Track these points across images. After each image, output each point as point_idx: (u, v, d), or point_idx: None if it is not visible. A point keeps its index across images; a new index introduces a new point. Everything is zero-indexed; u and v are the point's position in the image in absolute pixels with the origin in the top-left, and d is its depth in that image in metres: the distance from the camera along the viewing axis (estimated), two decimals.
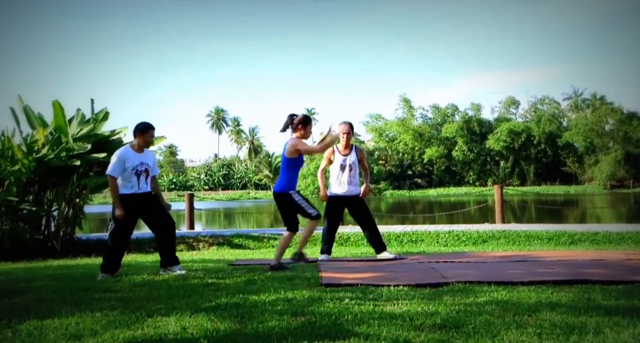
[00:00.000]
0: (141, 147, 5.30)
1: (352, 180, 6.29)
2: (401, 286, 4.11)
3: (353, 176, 6.30)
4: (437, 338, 2.63)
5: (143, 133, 5.27)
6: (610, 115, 55.60)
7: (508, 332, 2.66)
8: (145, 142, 5.30)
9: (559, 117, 61.64)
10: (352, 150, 6.32)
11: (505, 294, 3.69)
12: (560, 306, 3.22)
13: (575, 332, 2.61)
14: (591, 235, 8.46)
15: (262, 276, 4.80)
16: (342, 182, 6.25)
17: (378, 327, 2.85)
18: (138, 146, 5.28)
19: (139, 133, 5.27)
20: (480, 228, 9.60)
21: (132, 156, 5.21)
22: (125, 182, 5.17)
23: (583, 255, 6.10)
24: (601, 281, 4.06)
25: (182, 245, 9.22)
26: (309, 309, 3.29)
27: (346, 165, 6.25)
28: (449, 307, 3.31)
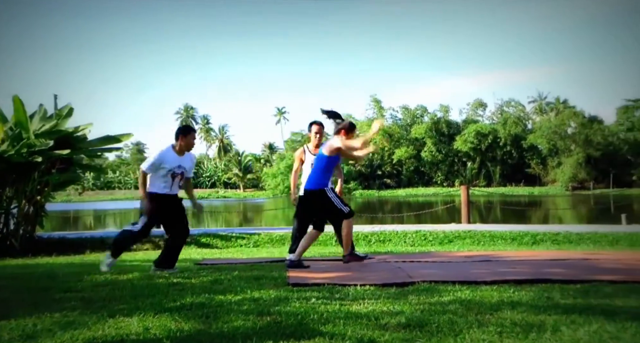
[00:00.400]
0: (182, 150, 5.29)
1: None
2: (368, 286, 4.13)
3: None
4: (401, 337, 2.65)
5: (185, 135, 5.27)
6: (572, 118, 57.20)
7: (470, 331, 2.71)
8: (187, 144, 5.29)
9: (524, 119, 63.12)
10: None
11: (469, 293, 3.75)
12: (521, 305, 3.29)
13: (534, 330, 2.67)
14: (552, 235, 8.68)
15: (229, 276, 4.76)
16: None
17: (343, 326, 2.87)
18: (179, 148, 5.27)
19: (181, 135, 5.26)
20: (447, 229, 9.75)
21: (172, 158, 5.20)
22: (159, 181, 5.17)
23: (544, 255, 6.26)
24: (560, 280, 4.17)
25: (148, 244, 9.08)
26: (275, 309, 3.29)
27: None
28: (414, 306, 3.35)
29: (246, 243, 9.15)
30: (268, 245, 8.99)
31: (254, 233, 9.51)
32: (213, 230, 10.97)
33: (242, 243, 9.17)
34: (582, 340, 2.50)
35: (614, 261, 5.57)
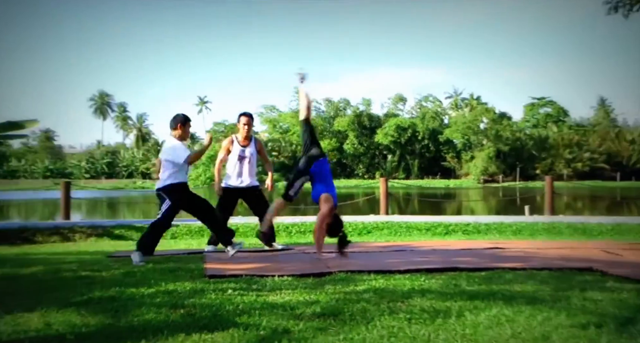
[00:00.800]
0: (182, 139, 5.31)
1: (251, 171, 6.24)
2: (285, 276, 4.16)
3: (251, 168, 6.24)
4: (315, 326, 2.69)
5: (184, 124, 5.27)
6: (484, 114, 60.39)
7: (381, 318, 2.80)
8: (186, 133, 5.32)
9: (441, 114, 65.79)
10: (251, 142, 6.27)
11: (383, 282, 3.87)
12: (431, 292, 3.44)
13: (441, 316, 2.81)
14: (463, 226, 9.12)
15: (142, 268, 4.61)
16: (240, 174, 6.15)
17: (259, 317, 2.87)
18: (180, 138, 5.27)
19: (181, 124, 5.25)
20: (366, 220, 9.97)
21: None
22: (182, 171, 5.24)
23: (455, 245, 6.58)
24: (467, 268, 4.40)
25: (56, 236, 8.58)
26: (189, 301, 3.23)
27: (245, 157, 6.17)
28: (329, 295, 3.41)
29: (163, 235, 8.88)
30: (186, 237, 8.78)
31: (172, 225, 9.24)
32: (128, 221, 10.56)
33: None
34: (482, 324, 2.65)
35: (516, 250, 5.95)
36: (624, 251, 5.70)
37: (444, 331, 2.56)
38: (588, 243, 6.91)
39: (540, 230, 8.74)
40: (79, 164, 77.20)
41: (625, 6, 7.06)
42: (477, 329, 2.57)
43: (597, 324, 2.58)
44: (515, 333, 2.49)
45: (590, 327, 2.54)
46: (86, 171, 76.07)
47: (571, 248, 6.10)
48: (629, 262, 4.96)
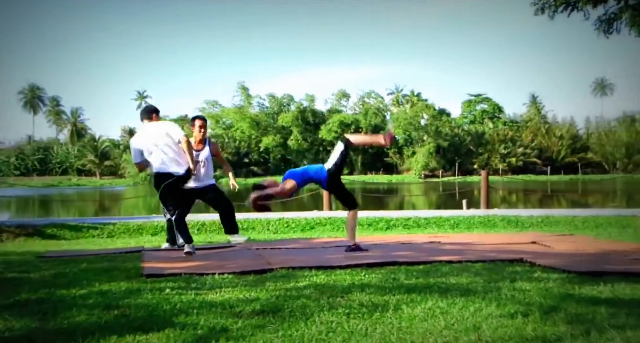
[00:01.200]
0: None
1: (208, 173, 6.17)
2: (226, 274, 4.11)
3: (208, 170, 6.16)
4: (254, 323, 2.68)
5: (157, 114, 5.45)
6: (425, 110, 61.96)
7: (321, 314, 2.81)
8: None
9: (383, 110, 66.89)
10: (205, 145, 6.18)
11: (324, 278, 3.90)
12: (370, 287, 3.49)
13: (379, 310, 2.86)
14: (404, 220, 9.33)
15: (75, 268, 4.44)
16: (198, 177, 6.01)
17: (196, 316, 2.82)
18: None
19: (156, 115, 5.43)
20: (309, 216, 10.02)
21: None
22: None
23: (395, 239, 6.72)
24: (406, 262, 4.50)
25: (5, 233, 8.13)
26: (124, 302, 3.13)
27: (200, 161, 6.05)
28: (270, 292, 3.40)
29: (99, 233, 8.58)
30: (124, 236, 8.52)
31: (108, 223, 8.94)
32: (61, 219, 10.14)
33: (94, 233, 8.58)
34: (418, 316, 2.72)
35: (453, 243, 6.15)
36: (552, 242, 6.00)
37: (381, 325, 2.60)
38: (520, 235, 7.24)
39: (476, 224, 9.07)
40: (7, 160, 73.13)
41: (551, 7, 7.39)
42: (413, 322, 2.63)
43: (524, 313, 2.70)
44: (449, 324, 2.57)
45: (517, 316, 2.66)
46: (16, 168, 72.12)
47: (504, 240, 6.36)
48: (556, 252, 5.22)
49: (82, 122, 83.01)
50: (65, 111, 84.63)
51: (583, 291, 3.27)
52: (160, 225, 8.93)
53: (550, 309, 2.78)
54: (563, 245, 5.78)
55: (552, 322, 2.55)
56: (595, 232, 7.96)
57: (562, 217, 9.28)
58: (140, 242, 7.38)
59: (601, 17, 7.60)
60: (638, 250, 5.39)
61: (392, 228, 9.05)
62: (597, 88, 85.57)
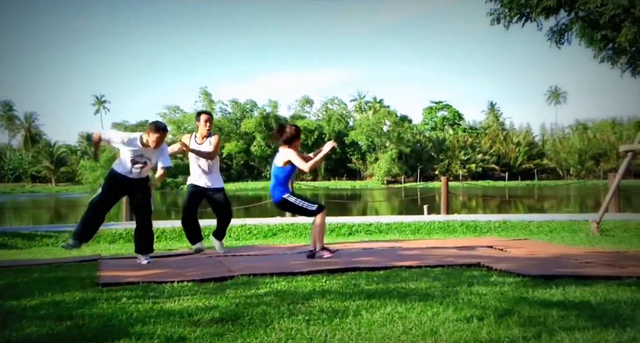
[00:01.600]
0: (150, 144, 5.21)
1: (212, 168, 6.07)
2: (185, 282, 4.05)
3: (212, 165, 6.06)
4: (212, 332, 2.64)
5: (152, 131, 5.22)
6: (387, 117, 62.74)
7: (281, 321, 2.80)
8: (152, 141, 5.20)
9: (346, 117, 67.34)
10: (209, 138, 6.12)
11: (285, 284, 3.88)
12: (331, 293, 3.50)
13: (339, 316, 2.87)
14: (366, 226, 9.39)
15: (26, 278, 4.28)
16: (203, 172, 5.98)
17: (153, 325, 2.77)
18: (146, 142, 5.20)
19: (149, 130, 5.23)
20: (271, 222, 9.98)
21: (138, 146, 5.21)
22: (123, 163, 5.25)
23: (357, 245, 6.76)
24: (367, 268, 4.54)
25: None
26: (78, 312, 3.04)
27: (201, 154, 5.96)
28: (230, 300, 3.36)
29: (54, 242, 8.31)
30: None
31: (63, 231, 8.67)
32: (13, 228, 9.77)
33: (48, 242, 8.31)
34: (377, 322, 2.75)
35: (413, 248, 6.23)
36: (508, 247, 6.16)
37: (341, 331, 2.61)
38: (478, 240, 7.40)
39: (436, 229, 9.22)
40: None
41: (506, 18, 7.62)
42: (372, 327, 2.65)
43: (480, 317, 2.76)
44: (407, 329, 2.61)
45: (473, 320, 2.71)
46: None
47: (463, 245, 6.49)
48: (512, 257, 5.37)
49: (36, 127, 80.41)
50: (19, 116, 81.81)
51: (536, 294, 3.37)
52: (118, 232, 8.73)
53: (505, 312, 2.85)
54: (519, 249, 5.94)
55: (506, 325, 2.62)
56: (550, 236, 8.22)
57: (518, 222, 9.52)
58: (97, 250, 7.20)
59: (553, 28, 7.89)
60: (588, 253, 5.59)
61: (354, 234, 9.11)
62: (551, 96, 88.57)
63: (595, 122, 75.43)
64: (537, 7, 7.24)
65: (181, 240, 8.83)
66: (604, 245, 6.68)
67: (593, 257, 5.21)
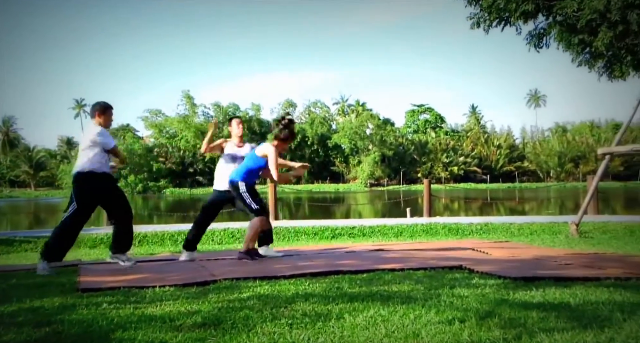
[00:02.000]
0: (105, 127, 5.17)
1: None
2: (167, 286, 4.01)
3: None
4: (194, 337, 2.63)
5: (103, 112, 5.14)
6: (370, 120, 63.01)
7: (263, 325, 2.79)
8: (106, 122, 5.18)
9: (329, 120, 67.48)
10: (245, 144, 6.12)
11: (268, 288, 3.87)
12: (314, 296, 3.50)
13: (321, 319, 2.87)
14: (349, 229, 9.42)
15: (4, 284, 4.22)
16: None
17: (134, 330, 2.74)
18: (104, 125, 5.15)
19: (99, 113, 5.13)
20: None
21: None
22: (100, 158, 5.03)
23: (340, 248, 6.77)
24: (350, 271, 4.54)
25: None
26: (57, 318, 3.00)
27: (238, 158, 5.93)
28: (212, 304, 3.35)
29: (33, 247, 8.19)
30: None
31: (42, 237, 8.54)
32: None
33: (27, 247, 8.18)
34: (359, 325, 2.75)
35: (396, 251, 6.26)
36: (490, 249, 6.22)
37: (324, 334, 2.61)
38: (460, 242, 7.46)
39: (419, 232, 9.28)
40: None
41: (486, 22, 7.71)
42: (355, 330, 2.66)
43: (461, 319, 2.78)
44: (389, 332, 2.62)
45: (455, 322, 2.74)
46: None
47: (445, 247, 6.54)
48: (494, 259, 5.42)
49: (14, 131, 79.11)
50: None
51: (517, 296, 3.41)
52: (99, 237, 8.62)
53: (486, 314, 2.88)
54: (500, 251, 6.00)
55: (487, 327, 2.64)
56: (530, 238, 8.33)
57: (499, 224, 9.63)
58: (78, 255, 7.11)
59: (532, 32, 8.00)
60: (568, 255, 5.68)
61: (338, 237, 9.13)
62: (531, 99, 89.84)
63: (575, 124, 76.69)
64: (515, 12, 7.34)
65: (163, 244, 8.76)
66: (583, 247, 6.79)
67: (572, 259, 5.29)
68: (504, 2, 7.31)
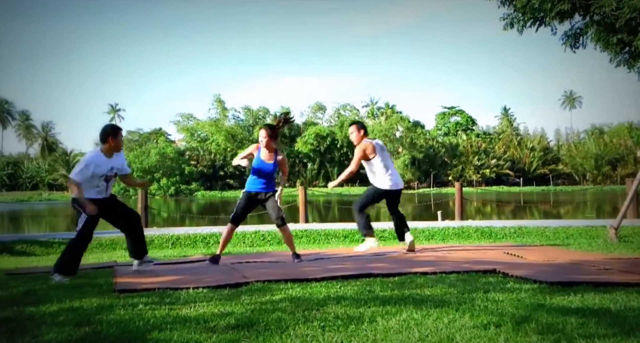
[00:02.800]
0: (111, 152, 5.03)
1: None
2: (201, 288, 4.07)
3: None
4: (228, 338, 2.65)
5: (115, 136, 5.01)
6: (400, 122, 62.58)
7: (296, 327, 2.81)
8: (117, 145, 5.06)
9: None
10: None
11: (299, 291, 3.88)
12: (345, 299, 3.50)
13: (354, 322, 2.86)
14: (380, 232, 9.33)
15: (45, 285, 4.34)
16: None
17: (170, 331, 2.79)
18: (108, 150, 5.00)
19: (111, 136, 4.99)
20: None
21: (103, 162, 4.95)
22: (92, 187, 4.89)
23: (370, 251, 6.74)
24: (382, 274, 4.52)
25: None
26: (95, 318, 3.07)
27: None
28: (245, 306, 3.38)
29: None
30: (97, 251, 8.35)
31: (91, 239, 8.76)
32: (31, 236, 9.89)
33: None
34: (392, 328, 2.74)
35: (428, 254, 6.20)
36: (524, 253, 6.09)
37: (356, 337, 2.61)
38: (493, 246, 7.33)
39: (451, 235, 9.16)
40: None
41: (519, 22, 7.58)
42: (388, 334, 2.64)
43: (497, 324, 2.74)
44: (423, 336, 2.59)
45: (490, 326, 2.69)
46: None
47: (478, 251, 6.44)
48: (528, 263, 5.31)
49: (53, 136, 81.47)
50: (36, 125, 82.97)
51: (554, 301, 3.33)
52: None
53: (522, 319, 2.82)
54: (535, 255, 5.88)
55: (523, 332, 2.59)
56: (566, 242, 8.12)
57: (534, 228, 9.43)
58: (114, 256, 7.26)
59: (567, 32, 7.82)
60: (607, 260, 5.52)
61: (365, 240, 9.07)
62: (566, 100, 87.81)
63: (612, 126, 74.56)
64: (551, 12, 7.19)
65: (195, 246, 8.88)
66: (622, 252, 6.59)
67: (612, 264, 5.14)
68: (539, 2, 7.16)
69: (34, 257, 7.97)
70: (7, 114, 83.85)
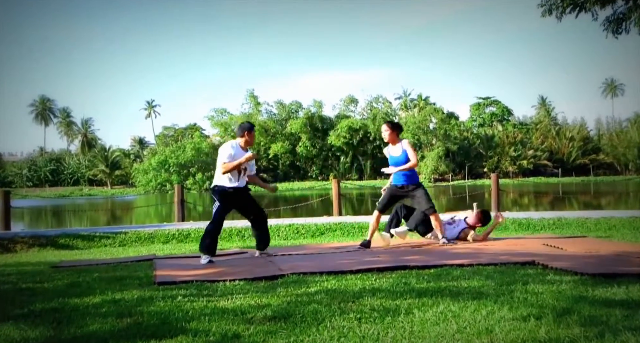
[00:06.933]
0: (247, 145, 5.63)
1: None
2: (237, 280, 4.12)
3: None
4: (265, 329, 2.68)
5: (250, 131, 5.62)
6: (433, 114, 61.73)
7: (332, 319, 2.81)
8: (252, 140, 5.65)
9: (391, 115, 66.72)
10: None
11: (335, 283, 3.89)
12: (381, 291, 3.49)
13: (390, 314, 2.85)
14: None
15: (88, 278, 4.47)
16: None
17: (208, 322, 2.83)
18: (244, 144, 5.59)
19: (247, 131, 5.60)
20: (319, 221, 10.01)
21: (240, 153, 5.52)
22: (227, 176, 5.46)
23: (405, 243, 6.69)
24: (417, 266, 4.49)
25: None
26: (137, 309, 3.15)
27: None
28: (281, 298, 3.41)
29: (111, 243, 8.64)
30: (136, 244, 8.56)
31: (120, 232, 9.00)
32: (73, 230, 10.20)
33: (106, 243, 8.64)
34: (430, 320, 2.71)
35: (464, 246, 6.12)
36: (564, 244, 5.95)
37: (393, 329, 2.60)
38: (532, 237, 7.18)
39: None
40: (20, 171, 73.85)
41: (558, 9, 7.36)
42: (425, 326, 2.62)
43: (537, 316, 2.68)
44: (461, 328, 2.56)
45: (530, 319, 2.64)
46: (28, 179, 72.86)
47: (516, 243, 6.32)
48: (568, 254, 5.18)
49: (92, 132, 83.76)
50: (76, 122, 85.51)
51: (596, 293, 3.24)
52: (171, 233, 8.98)
53: (564, 312, 2.76)
54: (575, 247, 5.73)
55: (565, 325, 2.53)
56: (608, 233, 7.89)
57: (574, 219, 9.19)
58: (152, 250, 7.43)
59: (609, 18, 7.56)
60: None
61: None
62: (607, 89, 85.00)
63: None
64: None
65: (231, 240, 9.00)
66: None
67: None
68: None
69: (77, 250, 8.22)
70: (49, 111, 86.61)
